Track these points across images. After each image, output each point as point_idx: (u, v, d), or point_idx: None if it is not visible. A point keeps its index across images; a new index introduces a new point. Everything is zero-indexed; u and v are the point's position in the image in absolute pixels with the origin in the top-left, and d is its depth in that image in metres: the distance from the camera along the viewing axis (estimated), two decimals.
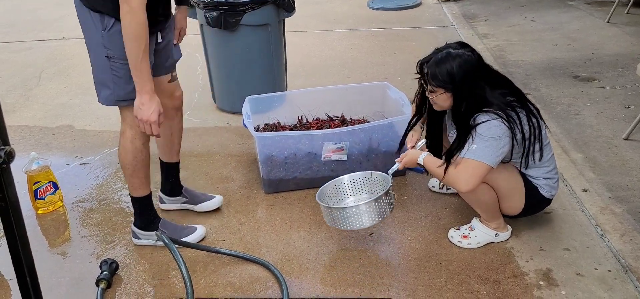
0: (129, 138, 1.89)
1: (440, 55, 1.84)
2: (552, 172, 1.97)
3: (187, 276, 1.68)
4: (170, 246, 1.74)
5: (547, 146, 1.95)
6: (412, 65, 3.90)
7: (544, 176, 1.95)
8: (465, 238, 2.03)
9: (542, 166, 1.94)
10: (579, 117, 2.99)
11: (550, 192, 1.97)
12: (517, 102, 1.84)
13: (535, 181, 1.95)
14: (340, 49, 4.38)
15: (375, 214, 1.93)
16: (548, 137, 1.97)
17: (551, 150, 1.98)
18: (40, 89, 3.76)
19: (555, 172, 1.99)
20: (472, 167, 1.78)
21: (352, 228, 1.93)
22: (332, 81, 3.70)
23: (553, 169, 1.98)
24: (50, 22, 5.30)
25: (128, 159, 1.91)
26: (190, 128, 3.12)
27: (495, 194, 1.94)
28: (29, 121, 3.27)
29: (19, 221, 0.93)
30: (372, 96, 2.83)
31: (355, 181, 2.19)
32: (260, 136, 2.36)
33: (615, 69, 3.61)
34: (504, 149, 1.79)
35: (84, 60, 4.32)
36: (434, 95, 1.88)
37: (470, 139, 1.80)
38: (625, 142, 2.69)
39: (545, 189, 1.96)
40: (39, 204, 2.33)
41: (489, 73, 1.87)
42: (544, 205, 2.04)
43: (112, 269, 1.92)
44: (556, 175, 1.99)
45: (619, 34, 4.30)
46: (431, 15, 5.17)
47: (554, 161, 1.99)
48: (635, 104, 3.09)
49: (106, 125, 3.19)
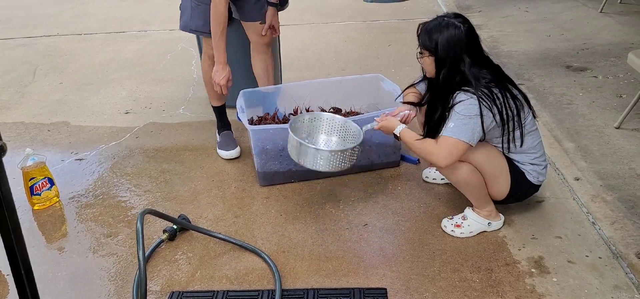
0: (202, 61, 2.73)
1: (433, 22, 1.94)
2: (539, 159, 1.99)
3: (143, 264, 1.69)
4: (138, 236, 1.71)
5: (533, 133, 1.97)
6: (406, 57, 3.95)
7: (530, 161, 1.97)
8: (458, 227, 2.05)
9: (528, 152, 1.96)
10: (572, 107, 3.01)
11: (537, 178, 2.00)
12: (496, 85, 1.86)
13: (522, 166, 1.97)
14: (334, 42, 4.38)
15: (336, 163, 2.02)
16: (536, 124, 1.99)
17: (539, 137, 2.00)
18: (35, 86, 3.76)
19: (543, 160, 2.01)
20: (449, 145, 1.84)
21: (307, 166, 2.04)
22: (326, 73, 3.71)
23: (540, 155, 2.00)
24: (44, 18, 5.28)
25: (203, 75, 2.74)
26: (185, 122, 3.13)
27: (481, 177, 1.97)
28: (24, 118, 3.27)
29: (12, 214, 0.94)
30: (366, 88, 2.85)
31: (331, 122, 2.29)
32: (255, 129, 2.37)
33: (608, 59, 3.63)
34: (478, 128, 1.82)
35: (78, 57, 4.34)
36: (421, 58, 1.99)
37: (449, 117, 1.86)
38: (616, 131, 2.71)
39: (532, 175, 1.98)
40: (35, 200, 2.34)
41: (476, 51, 1.90)
42: (531, 191, 2.06)
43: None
44: (544, 162, 2.01)
45: (612, 24, 4.32)
46: (425, 7, 5.17)
47: (541, 148, 2.01)
48: (627, 93, 3.11)
49: (101, 120, 3.19)
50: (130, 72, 3.93)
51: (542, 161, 2.00)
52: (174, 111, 3.28)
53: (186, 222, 2.13)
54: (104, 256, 2.05)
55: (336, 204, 2.28)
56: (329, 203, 2.29)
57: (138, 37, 4.69)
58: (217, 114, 2.80)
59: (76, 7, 5.58)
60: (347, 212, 2.22)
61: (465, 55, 1.86)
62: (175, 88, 3.61)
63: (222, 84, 2.47)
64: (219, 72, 2.46)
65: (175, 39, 4.54)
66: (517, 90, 1.93)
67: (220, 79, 2.47)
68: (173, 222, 2.07)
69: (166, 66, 4.02)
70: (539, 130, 2.01)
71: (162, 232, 2.09)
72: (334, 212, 2.23)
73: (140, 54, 4.30)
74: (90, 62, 4.17)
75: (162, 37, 4.66)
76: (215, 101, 2.78)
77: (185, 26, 2.58)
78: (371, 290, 1.80)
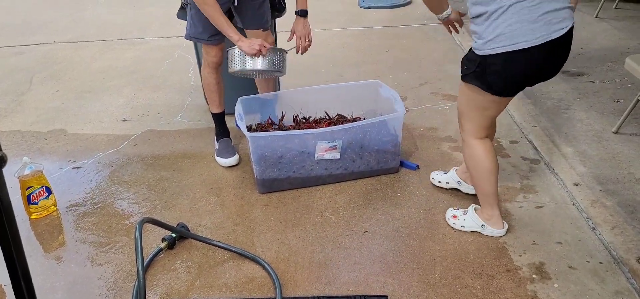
0: (202, 68, 2.69)
1: None
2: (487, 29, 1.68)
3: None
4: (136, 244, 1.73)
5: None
6: (403, 62, 3.95)
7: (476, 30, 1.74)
8: (454, 218, 2.09)
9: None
10: (569, 112, 3.02)
11: (519, 35, 1.64)
12: None
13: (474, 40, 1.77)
14: (332, 48, 4.38)
15: (272, 62, 2.39)
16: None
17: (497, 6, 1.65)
18: (32, 94, 3.74)
19: (490, 30, 1.67)
20: None
21: (248, 68, 2.38)
22: (324, 79, 3.71)
23: (489, 28, 1.68)
24: (41, 25, 5.27)
25: (203, 82, 2.72)
26: (183, 130, 3.12)
27: (482, 168, 1.92)
28: (20, 126, 3.25)
29: (11, 224, 0.93)
30: (365, 94, 2.85)
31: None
32: (253, 136, 2.36)
33: (604, 64, 3.64)
34: None
35: (75, 65, 4.33)
36: None
37: None
38: (614, 136, 2.72)
39: (477, 44, 1.74)
40: (33, 209, 2.32)
41: None
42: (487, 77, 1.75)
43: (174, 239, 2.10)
44: (522, 8, 1.63)
45: (608, 29, 4.34)
46: (421, 13, 5.18)
47: (493, 22, 1.66)
48: (624, 97, 3.12)
49: (99, 128, 3.18)
50: (127, 79, 3.92)
51: (489, 31, 1.68)
52: (171, 118, 3.27)
53: (185, 231, 2.12)
54: (102, 265, 2.03)
55: (336, 210, 2.28)
56: (328, 210, 2.28)
57: (135, 44, 4.68)
58: (216, 121, 2.80)
59: (73, 14, 5.57)
60: (347, 219, 2.21)
61: None
62: (173, 95, 3.60)
63: (257, 49, 2.35)
64: (245, 46, 2.35)
65: (173, 46, 4.54)
66: None
67: (251, 49, 2.35)
68: (172, 231, 2.06)
69: (164, 73, 4.01)
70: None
71: (161, 240, 2.07)
72: (333, 219, 2.22)
73: (137, 61, 4.29)
74: (88, 69, 4.16)
75: (159, 44, 4.65)
76: (214, 107, 2.77)
77: (187, 35, 2.58)
78: (372, 298, 1.79)
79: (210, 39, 2.52)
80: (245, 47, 2.36)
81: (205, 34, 2.50)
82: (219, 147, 2.76)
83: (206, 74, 2.67)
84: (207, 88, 2.72)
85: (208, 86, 2.69)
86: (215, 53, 2.59)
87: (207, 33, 2.49)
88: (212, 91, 2.71)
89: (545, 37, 1.63)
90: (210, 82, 2.68)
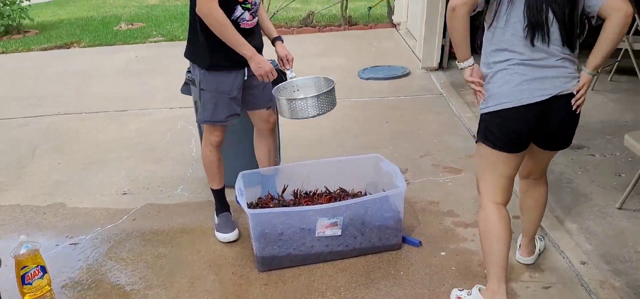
0: (203, 146, 2.68)
1: None
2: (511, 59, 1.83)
3: None
4: None
5: (509, 28, 1.82)
6: (403, 134, 3.99)
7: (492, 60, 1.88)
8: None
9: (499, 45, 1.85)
10: (572, 186, 3.01)
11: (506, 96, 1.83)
12: None
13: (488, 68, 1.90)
14: (333, 119, 4.42)
15: (323, 105, 2.34)
16: (521, 24, 1.79)
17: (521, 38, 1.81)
18: (34, 166, 3.75)
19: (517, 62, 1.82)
20: None
21: (301, 117, 2.35)
22: (325, 151, 3.73)
23: (510, 60, 1.83)
24: (46, 97, 5.36)
25: (203, 160, 2.70)
26: (183, 203, 3.10)
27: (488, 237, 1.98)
28: (20, 200, 3.24)
29: None
30: (365, 168, 2.85)
31: (304, 81, 2.56)
32: (254, 213, 2.34)
33: (603, 136, 3.67)
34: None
35: (80, 136, 4.37)
36: None
37: None
38: (619, 212, 2.69)
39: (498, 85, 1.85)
40: (26, 290, 2.26)
41: None
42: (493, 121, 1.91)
43: None
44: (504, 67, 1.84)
45: (604, 102, 4.41)
46: (420, 85, 5.29)
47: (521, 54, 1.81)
48: (626, 171, 3.12)
49: (99, 202, 3.16)
50: (130, 151, 3.95)
51: (502, 65, 1.84)
52: (172, 191, 3.26)
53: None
54: None
55: (337, 290, 2.22)
56: (330, 290, 2.22)
57: (139, 116, 4.75)
58: (216, 196, 2.78)
59: (78, 86, 5.68)
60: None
61: None
62: (174, 167, 3.61)
63: (269, 69, 2.34)
64: (261, 63, 2.33)
65: (176, 117, 4.59)
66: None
67: (265, 65, 2.33)
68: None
69: (166, 145, 4.04)
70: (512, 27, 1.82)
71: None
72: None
73: (140, 133, 4.33)
74: (91, 141, 4.19)
75: (162, 116, 4.71)
76: (215, 184, 2.76)
77: (202, 120, 2.55)
78: None
79: (227, 120, 2.50)
80: (254, 67, 2.33)
81: (223, 114, 2.48)
82: (218, 222, 2.73)
83: (207, 152, 2.66)
84: (207, 166, 2.71)
85: (209, 164, 2.69)
86: (219, 133, 2.60)
87: (225, 113, 2.47)
88: (213, 169, 2.70)
89: (528, 99, 1.81)
90: (211, 161, 2.68)
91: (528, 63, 1.81)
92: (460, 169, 3.36)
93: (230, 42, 2.29)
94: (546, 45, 1.79)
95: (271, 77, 2.38)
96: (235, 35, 2.28)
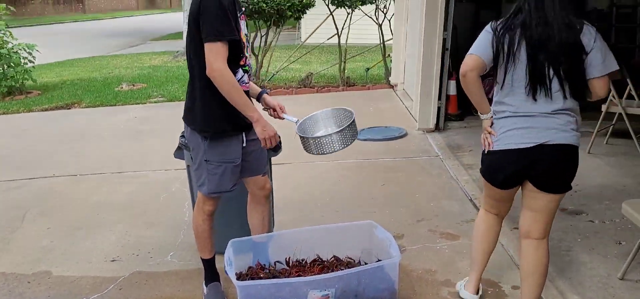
0: (195, 214, 2.61)
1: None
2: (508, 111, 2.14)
3: None
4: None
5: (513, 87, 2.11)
6: (400, 197, 3.94)
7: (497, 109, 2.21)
8: None
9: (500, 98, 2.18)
10: (571, 254, 2.93)
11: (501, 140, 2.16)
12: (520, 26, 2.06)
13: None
14: (328, 181, 4.40)
15: (347, 139, 2.42)
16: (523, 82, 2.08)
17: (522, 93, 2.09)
18: (22, 231, 3.68)
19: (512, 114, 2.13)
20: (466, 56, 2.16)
21: (327, 152, 2.40)
22: (320, 215, 3.67)
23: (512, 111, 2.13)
24: (41, 159, 5.34)
25: (195, 228, 2.63)
26: (173, 271, 3.01)
27: (477, 228, 2.46)
28: (5, 268, 3.15)
29: None
30: (359, 235, 2.79)
31: (324, 115, 2.62)
32: (242, 285, 2.26)
33: (602, 202, 3.62)
34: (480, 43, 2.12)
35: (70, 200, 4.31)
36: None
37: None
38: (621, 282, 2.60)
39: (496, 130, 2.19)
40: None
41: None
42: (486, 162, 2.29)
43: None
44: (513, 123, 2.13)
45: (601, 165, 4.39)
46: (417, 146, 5.29)
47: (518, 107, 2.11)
48: (626, 239, 3.05)
49: (86, 269, 3.07)
50: (122, 214, 3.88)
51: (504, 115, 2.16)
52: (162, 257, 3.18)
53: None
54: None
55: None
56: None
57: (133, 178, 4.72)
58: (205, 265, 2.70)
59: (73, 147, 5.67)
60: None
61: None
62: (165, 232, 3.54)
63: (274, 133, 2.34)
64: (267, 127, 2.31)
65: (171, 180, 4.56)
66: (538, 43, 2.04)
67: (271, 130, 2.32)
68: None
69: (160, 208, 3.99)
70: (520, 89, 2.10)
71: None
72: None
73: (134, 195, 4.28)
74: (83, 204, 4.14)
75: (157, 178, 4.68)
76: (205, 253, 2.68)
77: (210, 192, 2.46)
78: None
79: (233, 189, 2.48)
80: (259, 130, 2.31)
81: (230, 183, 2.45)
82: (207, 293, 2.64)
83: (200, 221, 2.60)
84: (198, 235, 2.64)
85: (201, 233, 2.63)
86: (214, 202, 2.55)
87: (231, 182, 2.45)
88: (204, 238, 2.64)
89: (515, 144, 2.11)
90: (203, 230, 2.62)
91: (520, 115, 2.10)
92: (457, 235, 3.29)
93: (239, 104, 2.24)
94: (549, 99, 2.05)
95: (274, 142, 2.36)
96: (244, 97, 2.26)
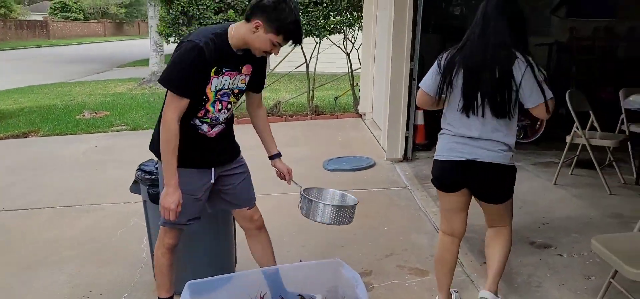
0: (156, 247, 2.54)
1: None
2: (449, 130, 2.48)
3: None
4: None
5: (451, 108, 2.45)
6: (369, 230, 3.83)
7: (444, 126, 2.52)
8: None
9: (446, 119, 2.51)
10: (541, 290, 2.88)
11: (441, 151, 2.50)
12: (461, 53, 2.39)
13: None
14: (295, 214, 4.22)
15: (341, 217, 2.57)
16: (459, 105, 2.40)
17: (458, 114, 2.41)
18: None
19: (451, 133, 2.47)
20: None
21: (317, 221, 2.58)
22: (286, 252, 3.52)
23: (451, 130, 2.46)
24: None
25: (155, 262, 2.56)
26: None
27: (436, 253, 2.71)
28: None
29: None
30: (326, 274, 2.67)
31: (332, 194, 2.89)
32: None
33: (569, 235, 3.61)
34: (427, 78, 2.49)
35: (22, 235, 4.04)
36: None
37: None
38: None
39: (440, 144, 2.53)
40: None
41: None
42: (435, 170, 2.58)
43: None
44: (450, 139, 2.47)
45: (567, 197, 4.41)
46: (385, 177, 5.23)
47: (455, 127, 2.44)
48: (595, 274, 3.02)
49: None
50: (75, 251, 3.64)
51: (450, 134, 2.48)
52: None
53: None
54: None
55: None
56: None
57: (90, 211, 4.47)
58: None
59: (26, 179, 5.37)
60: None
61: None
62: (121, 270, 3.32)
63: (172, 208, 2.26)
64: (170, 196, 2.25)
65: (130, 213, 4.34)
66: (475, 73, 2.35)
67: (171, 203, 2.25)
68: None
69: (116, 243, 3.77)
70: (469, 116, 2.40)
71: None
72: None
73: (89, 230, 4.05)
74: (33, 241, 3.87)
75: (115, 211, 4.45)
76: (163, 292, 2.55)
77: (164, 221, 2.42)
78: None
79: (188, 223, 2.45)
80: (161, 197, 2.28)
81: (185, 217, 2.39)
82: None
83: (159, 255, 2.50)
84: (158, 270, 2.53)
85: (160, 267, 2.52)
86: (175, 235, 2.47)
87: (186, 215, 2.39)
88: (164, 274, 2.53)
89: (449, 156, 2.46)
90: (162, 264, 2.51)
91: (455, 134, 2.45)
92: (426, 270, 3.21)
93: (164, 160, 2.26)
94: (481, 117, 2.36)
95: (170, 216, 2.28)
96: (171, 158, 2.24)
